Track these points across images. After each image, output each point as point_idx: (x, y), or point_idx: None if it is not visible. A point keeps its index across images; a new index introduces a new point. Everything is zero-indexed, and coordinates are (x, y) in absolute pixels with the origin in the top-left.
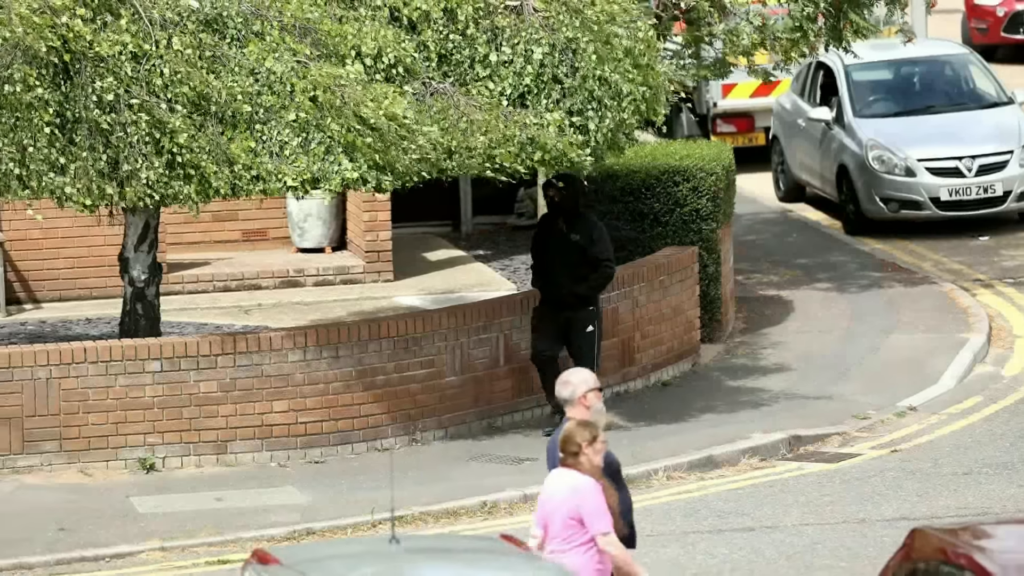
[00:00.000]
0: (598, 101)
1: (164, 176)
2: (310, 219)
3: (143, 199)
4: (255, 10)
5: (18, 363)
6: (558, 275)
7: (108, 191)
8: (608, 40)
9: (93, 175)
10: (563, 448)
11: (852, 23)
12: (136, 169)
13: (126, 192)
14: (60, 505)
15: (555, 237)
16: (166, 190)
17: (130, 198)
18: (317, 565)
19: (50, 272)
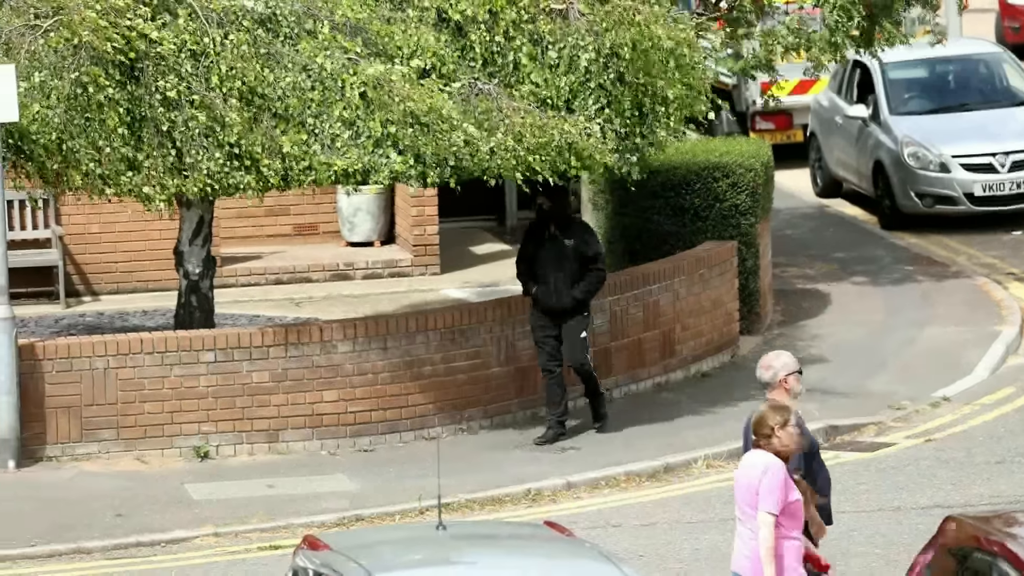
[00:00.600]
0: (643, 107)
1: (224, 168)
2: (359, 214)
3: (206, 189)
4: (308, 9)
5: (77, 354)
6: (556, 281)
7: (175, 184)
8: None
9: (163, 172)
10: (756, 431)
11: (885, 31)
12: (197, 162)
13: (189, 184)
14: (117, 492)
15: (549, 244)
16: (227, 180)
17: (192, 190)
18: (366, 551)
19: (108, 265)
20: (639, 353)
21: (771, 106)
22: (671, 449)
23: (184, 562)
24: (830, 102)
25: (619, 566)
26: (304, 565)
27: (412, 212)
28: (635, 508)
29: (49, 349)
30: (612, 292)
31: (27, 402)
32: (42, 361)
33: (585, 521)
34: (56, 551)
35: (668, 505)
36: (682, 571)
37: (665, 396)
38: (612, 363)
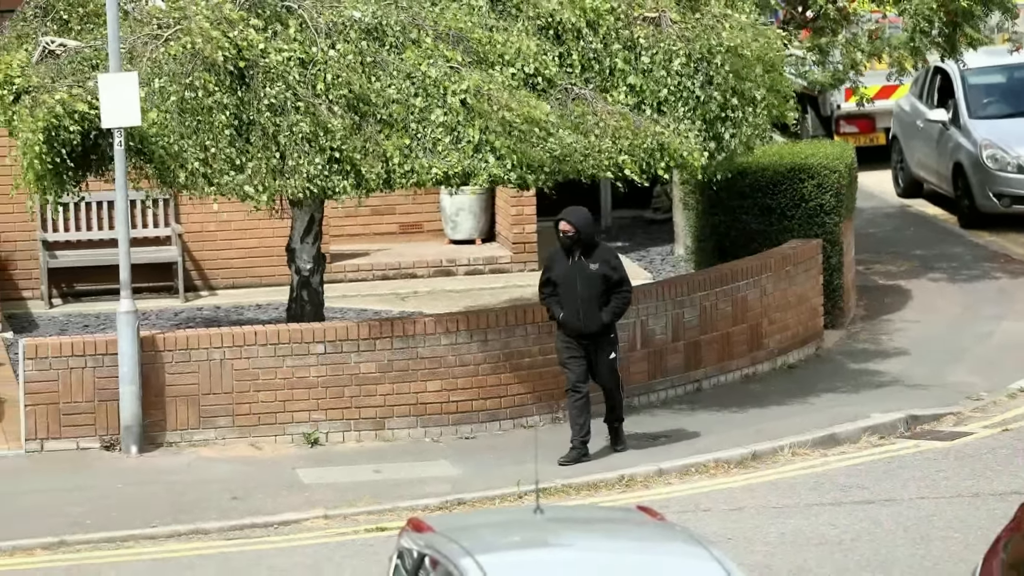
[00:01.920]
0: (732, 109)
1: (324, 171)
2: (462, 213)
3: (304, 192)
4: (412, 19)
5: (195, 345)
6: (583, 305)
7: (276, 185)
8: (742, 50)
9: (266, 173)
10: None
11: (966, 35)
12: (299, 165)
13: (289, 185)
14: (233, 476)
15: (576, 270)
16: (325, 183)
17: (292, 191)
18: (468, 533)
19: (224, 262)
20: (728, 346)
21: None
22: (758, 437)
23: (295, 543)
24: (911, 107)
25: (708, 549)
26: (409, 546)
27: (512, 211)
28: (723, 493)
29: (169, 341)
30: (702, 288)
31: (148, 391)
32: (162, 352)
33: (676, 506)
34: (176, 531)
35: (755, 491)
36: (768, 553)
37: (752, 387)
38: (702, 356)
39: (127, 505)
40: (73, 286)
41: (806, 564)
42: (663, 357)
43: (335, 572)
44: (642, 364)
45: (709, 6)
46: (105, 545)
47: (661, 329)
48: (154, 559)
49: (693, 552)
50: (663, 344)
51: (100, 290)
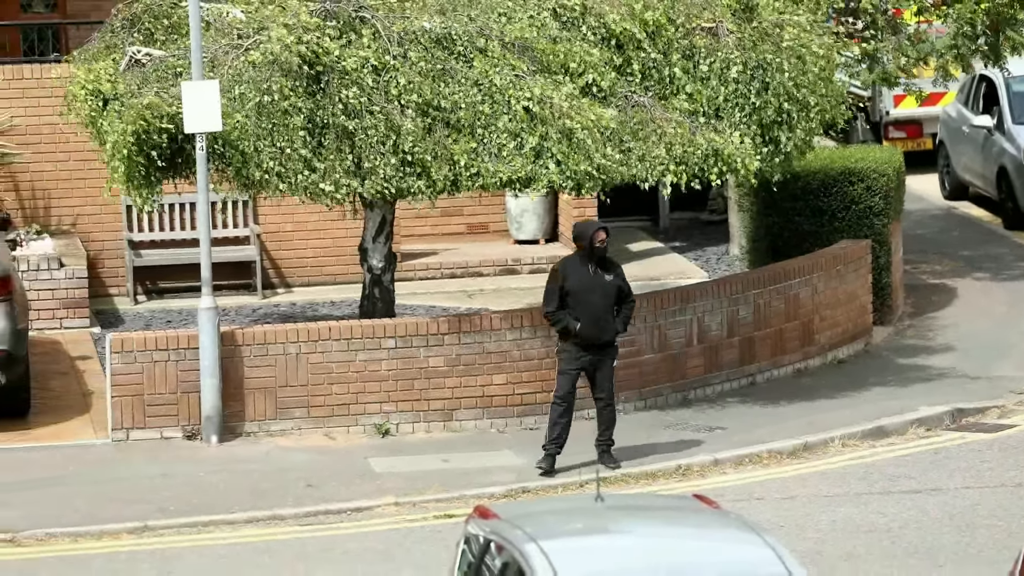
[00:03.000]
0: (788, 115)
1: (398, 172)
2: (526, 214)
3: (381, 192)
4: (480, 29)
5: (272, 340)
6: (602, 315)
7: (353, 185)
8: (796, 57)
9: (340, 173)
10: None
11: (1010, 39)
12: (375, 166)
13: (366, 186)
14: (307, 465)
15: (596, 281)
16: (400, 184)
17: (369, 191)
18: (532, 519)
19: (300, 261)
20: (781, 341)
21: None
22: (810, 429)
23: (367, 529)
24: (957, 113)
25: (762, 535)
26: (475, 532)
27: (574, 212)
28: (776, 483)
29: (247, 336)
30: (756, 286)
31: (228, 383)
32: (241, 347)
33: (731, 494)
34: (254, 517)
35: (807, 480)
36: (819, 540)
37: (804, 381)
38: (756, 351)
39: (207, 492)
40: (157, 283)
41: (855, 550)
42: (718, 352)
43: (405, 557)
44: (698, 359)
45: (763, 16)
46: (187, 530)
47: (717, 325)
48: (233, 543)
49: (747, 538)
50: (718, 340)
51: (182, 287)
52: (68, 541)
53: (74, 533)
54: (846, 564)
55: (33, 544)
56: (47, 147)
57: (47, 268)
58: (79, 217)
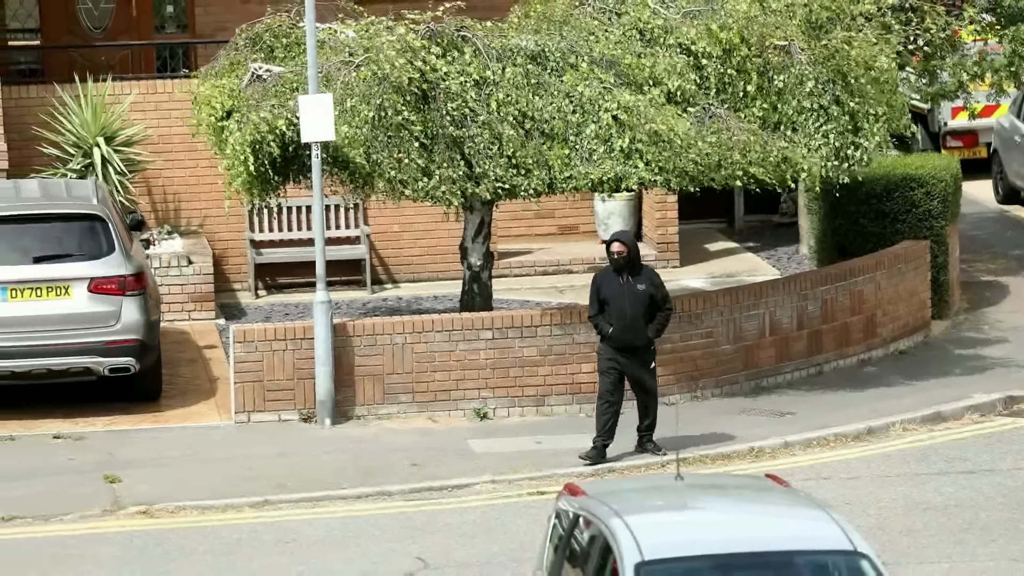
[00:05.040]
0: (856, 125)
1: (507, 173)
2: (612, 216)
3: (495, 191)
4: (571, 47)
5: (380, 331)
6: (635, 322)
7: (468, 189)
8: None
9: (453, 178)
10: None
11: None
12: (486, 170)
13: (481, 188)
14: (412, 445)
15: (626, 289)
16: (511, 183)
17: (484, 192)
18: (617, 497)
19: (406, 259)
20: (846, 334)
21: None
22: (873, 415)
23: (467, 504)
24: (1010, 124)
25: (829, 512)
26: (565, 508)
27: (656, 215)
28: (842, 464)
29: (358, 327)
30: (824, 283)
31: (340, 371)
32: (352, 337)
33: (800, 474)
34: (364, 493)
35: (870, 462)
36: (881, 516)
37: (868, 370)
38: (823, 342)
39: (322, 470)
40: (276, 279)
41: (915, 526)
42: (789, 344)
43: (502, 530)
44: (770, 350)
45: (833, 34)
46: (303, 504)
47: (787, 319)
48: (344, 517)
49: (815, 515)
50: (789, 332)
51: (299, 283)
52: (196, 513)
53: (202, 506)
54: (906, 539)
55: (165, 516)
56: (177, 155)
57: (177, 265)
58: (206, 219)
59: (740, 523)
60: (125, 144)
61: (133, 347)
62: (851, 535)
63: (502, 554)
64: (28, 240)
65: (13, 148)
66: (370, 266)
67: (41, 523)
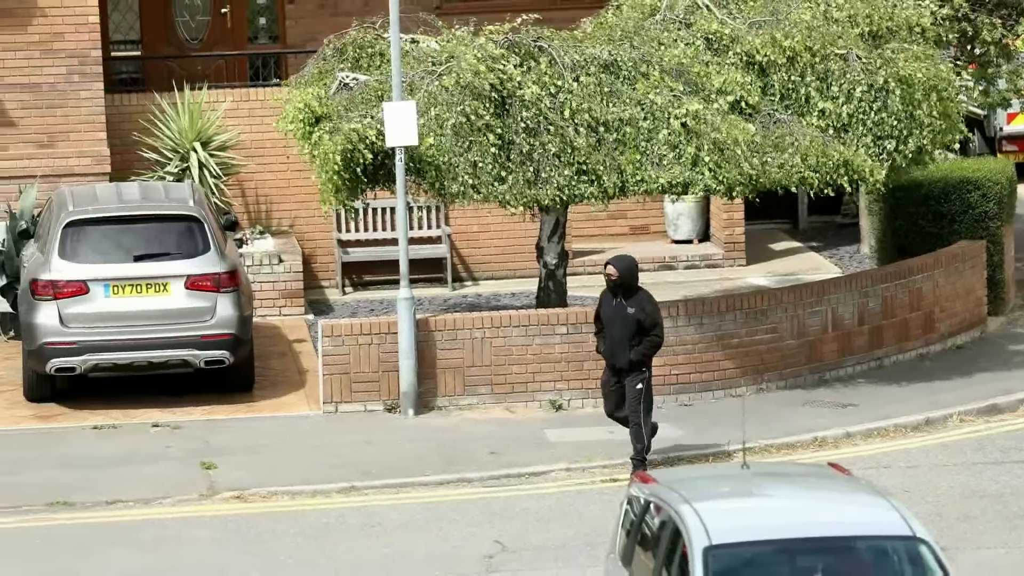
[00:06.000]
0: (903, 131)
1: (571, 181)
2: (681, 217)
3: (555, 199)
4: (642, 57)
5: (461, 326)
6: (618, 344)
7: (531, 194)
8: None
9: (523, 184)
10: None
11: None
12: (550, 176)
13: (543, 194)
14: (491, 435)
15: (617, 311)
16: (572, 191)
17: (545, 198)
18: (686, 484)
19: (484, 257)
20: (905, 329)
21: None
22: (931, 406)
23: (543, 491)
24: None
25: (889, 499)
26: (636, 494)
27: (723, 216)
28: (901, 453)
29: (439, 322)
30: (884, 281)
31: (422, 364)
32: (433, 332)
33: (861, 463)
34: (445, 479)
35: (928, 451)
36: (939, 503)
37: (926, 364)
38: (883, 337)
39: (405, 457)
40: (362, 277)
41: (971, 513)
42: (850, 339)
43: (576, 515)
44: (833, 344)
45: (890, 43)
46: (387, 490)
47: (849, 315)
48: (427, 502)
49: (876, 502)
50: (850, 327)
51: (383, 280)
52: (287, 498)
53: (292, 491)
54: (963, 525)
55: (258, 500)
56: (268, 159)
57: (268, 263)
58: (295, 219)
59: (804, 509)
60: (220, 149)
61: (227, 341)
62: (910, 521)
63: (576, 538)
64: (129, 240)
65: (115, 153)
66: (451, 264)
67: (141, 506)
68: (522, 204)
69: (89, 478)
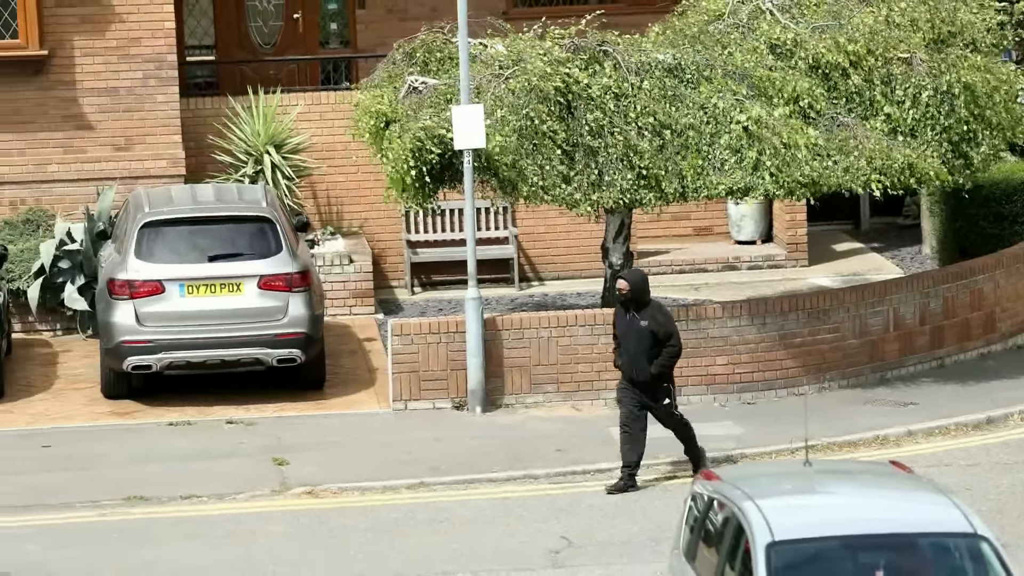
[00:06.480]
0: (973, 133)
1: (634, 185)
2: (745, 219)
3: (618, 202)
4: (706, 61)
5: (527, 325)
6: (635, 358)
7: (595, 197)
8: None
9: (588, 186)
10: None
11: None
12: (613, 180)
13: (606, 197)
14: (557, 432)
15: (630, 325)
16: (634, 196)
17: (608, 202)
18: (749, 481)
19: (551, 258)
20: (966, 329)
21: None
22: (992, 405)
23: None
24: None
25: (950, 497)
26: (701, 491)
27: (786, 217)
28: (962, 451)
29: (506, 322)
30: (945, 281)
31: (490, 362)
32: (501, 331)
33: (922, 461)
34: (511, 476)
35: (989, 450)
36: (1000, 501)
37: (987, 364)
38: (944, 337)
39: (472, 454)
40: (430, 277)
41: None
42: (912, 338)
43: (641, 511)
44: (895, 344)
45: (953, 47)
46: (455, 486)
47: (911, 315)
48: (494, 498)
49: (937, 499)
50: (912, 327)
51: (451, 280)
52: (357, 494)
53: (362, 487)
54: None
55: (328, 496)
56: (339, 161)
57: (339, 264)
58: (365, 221)
59: (865, 506)
60: (292, 151)
61: (299, 340)
62: (971, 518)
63: (641, 534)
64: (204, 240)
65: (190, 155)
66: (517, 265)
67: (216, 501)
68: (587, 206)
69: (165, 473)
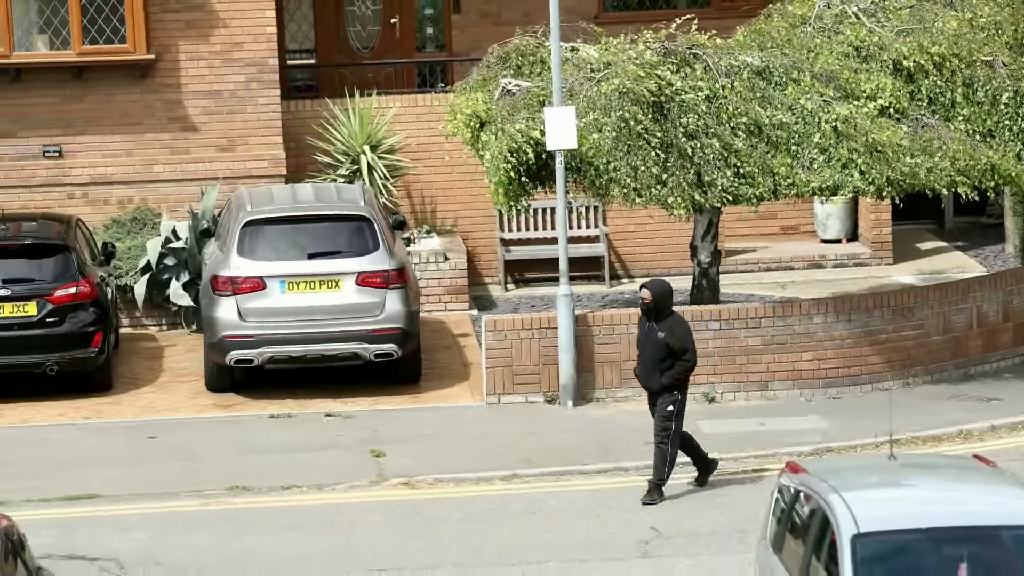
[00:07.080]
0: None
1: (733, 183)
2: (831, 218)
3: (721, 200)
4: (793, 63)
5: (618, 322)
6: (650, 367)
7: (696, 197)
8: None
9: (684, 186)
10: None
11: None
12: (714, 179)
13: (709, 196)
14: (646, 426)
15: (647, 335)
16: (736, 192)
17: (711, 201)
18: (835, 474)
19: (640, 255)
20: None
21: None
22: None
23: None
24: None
25: None
26: (787, 484)
27: (871, 216)
28: None
29: (597, 318)
30: (1007, 284)
31: (581, 357)
32: (592, 327)
33: (1005, 456)
34: (602, 468)
35: None
36: None
37: None
38: (998, 339)
39: (564, 447)
40: (523, 274)
41: None
42: (995, 335)
43: (729, 501)
44: (978, 340)
45: None
46: (547, 478)
47: (993, 312)
48: (584, 490)
49: (1019, 493)
50: (995, 324)
51: (543, 277)
52: (452, 485)
53: (456, 479)
54: None
55: (424, 487)
56: (434, 162)
57: (435, 261)
58: (459, 219)
59: (949, 499)
60: (388, 152)
61: (396, 335)
62: None
63: (728, 525)
64: (303, 238)
65: (291, 156)
66: (608, 262)
67: (315, 492)
68: (685, 206)
69: (266, 464)
